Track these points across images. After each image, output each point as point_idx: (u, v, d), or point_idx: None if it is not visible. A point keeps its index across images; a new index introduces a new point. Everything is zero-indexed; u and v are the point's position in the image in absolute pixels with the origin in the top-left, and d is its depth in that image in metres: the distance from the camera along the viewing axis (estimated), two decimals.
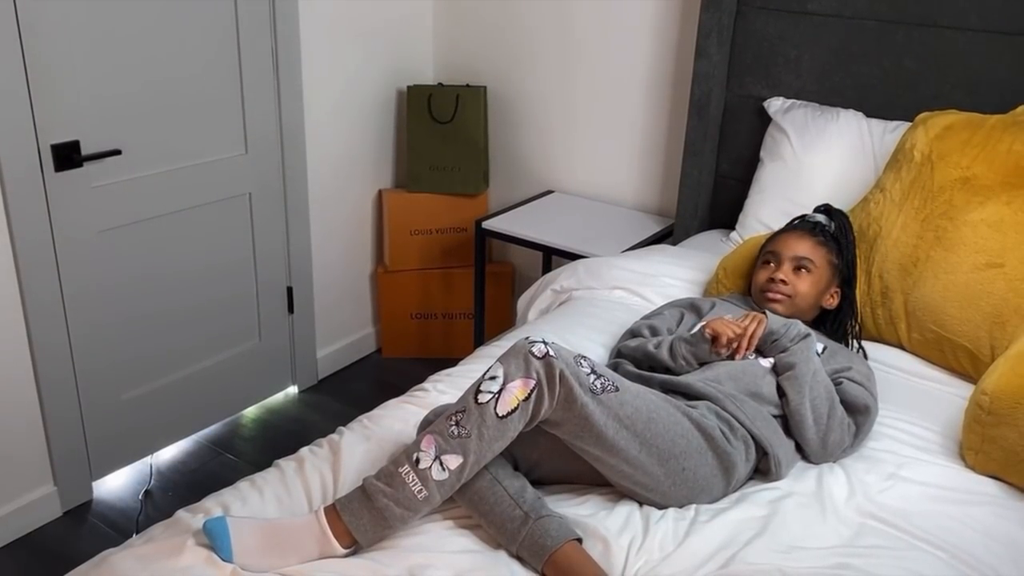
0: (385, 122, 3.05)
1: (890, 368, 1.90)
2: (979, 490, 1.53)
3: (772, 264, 1.84)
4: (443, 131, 2.96)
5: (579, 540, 1.36)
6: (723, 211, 2.63)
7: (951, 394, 1.81)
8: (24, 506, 2.26)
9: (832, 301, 1.86)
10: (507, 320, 3.11)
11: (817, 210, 1.93)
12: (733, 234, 2.44)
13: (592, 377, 1.40)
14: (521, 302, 2.42)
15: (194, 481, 2.51)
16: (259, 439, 2.74)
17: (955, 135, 1.94)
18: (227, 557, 1.28)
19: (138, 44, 2.23)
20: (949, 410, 1.74)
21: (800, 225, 1.89)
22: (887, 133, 2.22)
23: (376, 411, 1.73)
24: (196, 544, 1.31)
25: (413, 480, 1.32)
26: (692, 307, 1.90)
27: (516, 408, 1.34)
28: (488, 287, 2.97)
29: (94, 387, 2.36)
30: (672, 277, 2.20)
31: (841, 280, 1.86)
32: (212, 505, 1.42)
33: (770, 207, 2.32)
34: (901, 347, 1.95)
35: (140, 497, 2.44)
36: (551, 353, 1.36)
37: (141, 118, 2.29)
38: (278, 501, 1.45)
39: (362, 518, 1.32)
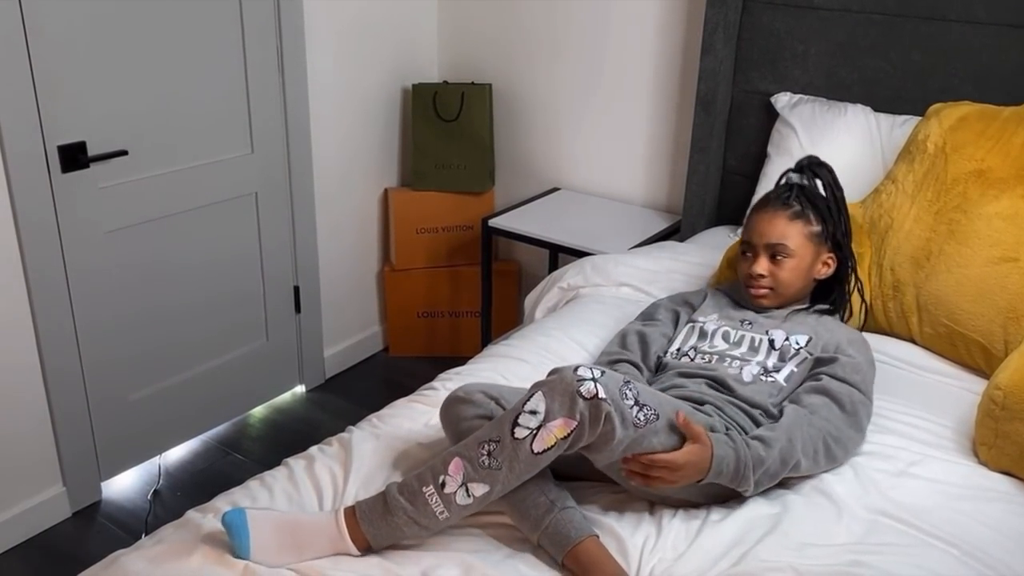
0: (390, 120, 3.05)
1: (901, 363, 1.89)
2: (992, 486, 1.52)
3: (749, 255, 1.73)
4: (448, 129, 2.95)
5: (597, 536, 1.35)
6: (730, 207, 2.62)
7: (963, 389, 1.79)
8: (33, 507, 2.26)
9: (826, 270, 1.74)
10: (514, 318, 3.10)
11: (798, 166, 1.76)
12: (740, 230, 2.43)
13: (635, 410, 1.32)
14: (528, 300, 2.42)
15: (203, 481, 2.51)
16: (267, 438, 2.74)
17: (969, 126, 1.92)
18: (244, 553, 1.27)
19: (144, 45, 2.23)
20: (961, 405, 1.73)
21: (770, 202, 1.73)
22: (895, 128, 2.21)
23: (385, 410, 1.72)
24: (206, 545, 1.31)
25: (436, 502, 1.31)
26: (685, 303, 1.86)
27: (553, 446, 1.30)
28: (495, 285, 2.96)
29: (102, 387, 2.36)
30: (679, 274, 2.19)
31: (832, 244, 1.72)
32: (222, 505, 1.42)
33: None
34: (912, 341, 1.94)
35: (149, 497, 2.44)
36: (600, 395, 1.27)
37: (147, 119, 2.29)
38: (288, 499, 1.45)
39: (380, 528, 1.32)
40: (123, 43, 2.19)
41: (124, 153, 2.24)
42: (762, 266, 1.69)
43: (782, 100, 2.41)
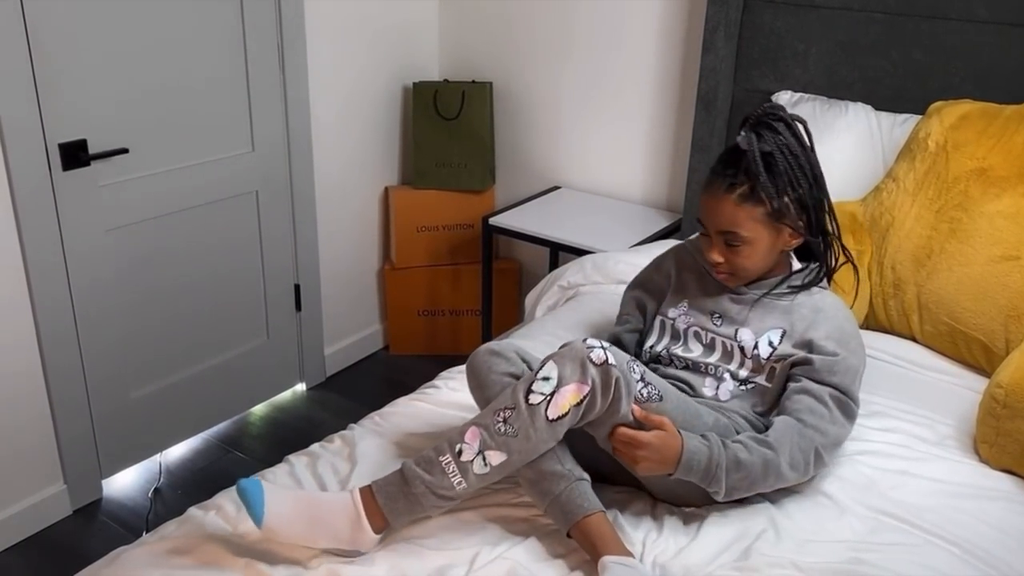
0: (391, 119, 3.05)
1: (901, 361, 1.89)
2: (993, 485, 1.52)
3: (706, 236, 1.55)
4: (449, 128, 2.95)
5: (604, 513, 1.36)
6: None
7: (964, 388, 1.79)
8: (34, 504, 2.26)
9: (795, 241, 1.53)
10: (514, 317, 3.10)
11: (746, 123, 1.50)
12: None
13: (640, 385, 1.37)
14: (529, 299, 2.42)
15: (203, 479, 2.52)
16: (268, 436, 2.74)
17: (971, 125, 1.92)
18: (258, 520, 1.26)
19: (145, 43, 2.23)
20: (962, 404, 1.73)
21: (715, 182, 1.50)
22: (896, 126, 2.21)
23: (387, 408, 1.73)
24: (209, 542, 1.31)
25: (453, 471, 1.31)
26: (650, 291, 1.71)
27: (567, 413, 1.31)
28: (495, 283, 2.96)
29: (103, 385, 2.36)
30: None
31: (797, 212, 1.49)
32: (224, 502, 1.42)
33: None
34: (913, 339, 1.94)
35: (150, 495, 2.45)
36: (610, 360, 1.32)
37: (148, 117, 2.29)
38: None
39: (398, 502, 1.32)
40: (124, 41, 2.19)
41: (125, 151, 2.24)
42: (717, 253, 1.53)
43: (783, 99, 2.41)
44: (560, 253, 2.89)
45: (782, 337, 1.53)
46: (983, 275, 1.79)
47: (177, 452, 2.63)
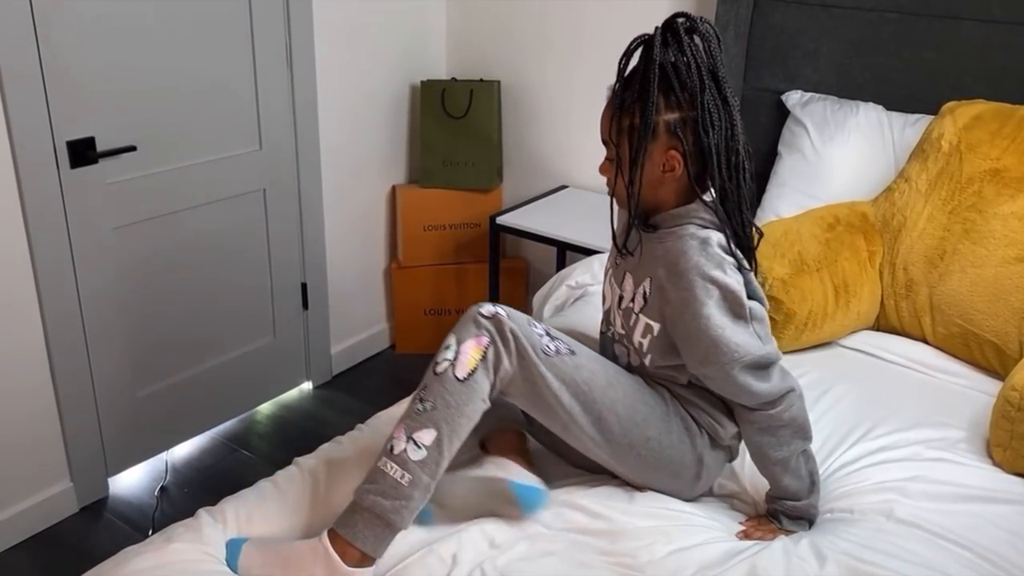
0: (398, 117, 3.04)
1: (913, 363, 1.88)
2: (1007, 488, 1.51)
3: None
4: (456, 126, 2.94)
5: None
6: None
7: (976, 390, 1.78)
8: (41, 502, 2.26)
9: (674, 171, 1.35)
10: None
11: (664, 24, 1.34)
12: None
13: (546, 340, 1.35)
14: (536, 298, 2.41)
15: (209, 477, 2.51)
16: (274, 435, 2.74)
17: (985, 125, 1.91)
18: (232, 566, 1.31)
19: (153, 41, 2.23)
20: (975, 407, 1.71)
21: (612, 89, 1.38)
22: (907, 126, 2.19)
23: (392, 409, 1.72)
24: (216, 547, 1.31)
25: (392, 468, 1.28)
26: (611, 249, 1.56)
27: (475, 369, 1.30)
28: (502, 283, 2.95)
29: (110, 383, 2.35)
30: None
31: (676, 134, 1.32)
32: (229, 507, 1.41)
33: (788, 201, 2.29)
34: (924, 341, 1.93)
35: (156, 494, 2.44)
36: (499, 312, 1.34)
37: (156, 115, 2.28)
38: (299, 498, 1.44)
39: (356, 525, 1.27)
40: (132, 39, 2.18)
41: (133, 149, 2.24)
42: (602, 167, 1.43)
43: (793, 98, 2.39)
44: (568, 252, 2.88)
45: (651, 286, 1.40)
46: (997, 277, 1.77)
47: (183, 450, 2.63)
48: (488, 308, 1.34)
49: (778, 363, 1.39)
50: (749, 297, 1.37)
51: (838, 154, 2.23)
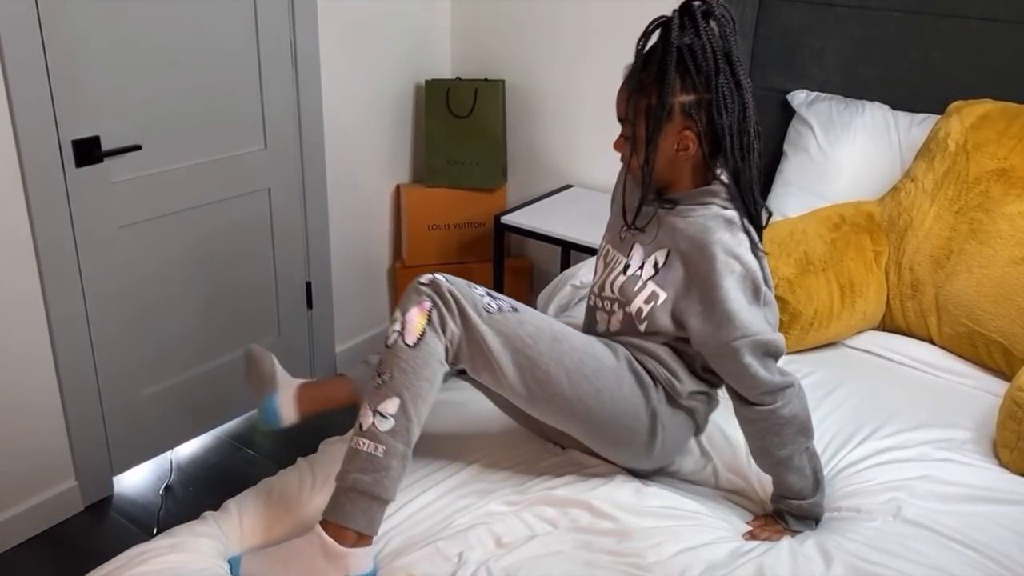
0: (403, 117, 3.04)
1: (918, 363, 1.87)
2: (1013, 488, 1.51)
3: None
4: (461, 125, 2.94)
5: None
6: None
7: (982, 391, 1.78)
8: (46, 500, 2.26)
9: (687, 151, 1.40)
10: None
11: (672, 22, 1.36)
12: None
13: (487, 299, 1.39)
14: (541, 297, 2.41)
15: (214, 476, 2.51)
16: (278, 434, 2.73)
17: (991, 124, 1.90)
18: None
19: (158, 40, 2.23)
20: (981, 407, 1.71)
21: (629, 68, 1.44)
22: (914, 126, 2.19)
23: None
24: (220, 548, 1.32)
25: (364, 444, 1.30)
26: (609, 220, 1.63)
27: (423, 332, 1.34)
28: (507, 282, 2.95)
29: (115, 382, 2.36)
30: None
31: (691, 115, 1.36)
32: (233, 507, 1.41)
33: (794, 200, 2.29)
34: (930, 341, 1.92)
35: (160, 492, 2.44)
36: (437, 277, 1.37)
37: (161, 114, 2.28)
38: (309, 496, 1.44)
39: (344, 507, 1.29)
40: (137, 38, 2.18)
41: (138, 148, 2.24)
42: (617, 143, 1.47)
43: (799, 98, 2.39)
44: (572, 252, 2.88)
45: (662, 261, 1.44)
46: (1004, 277, 1.77)
47: (188, 449, 2.63)
48: (427, 276, 1.38)
49: (781, 356, 1.41)
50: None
51: (844, 153, 2.23)
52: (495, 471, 1.52)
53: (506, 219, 2.74)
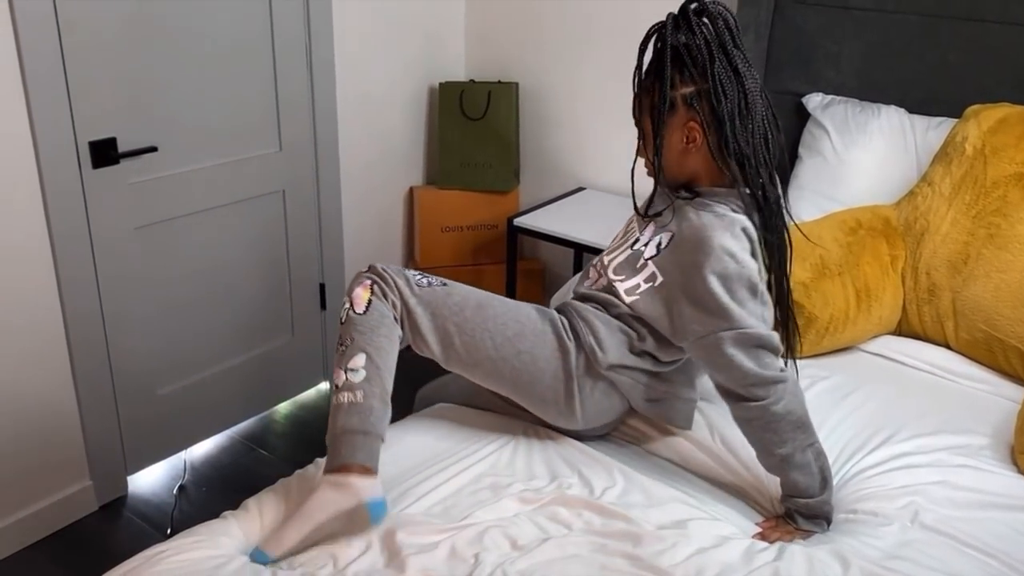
0: (417, 119, 3.04)
1: (935, 369, 1.86)
2: None
3: None
4: (475, 128, 2.94)
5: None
6: None
7: (1000, 396, 1.77)
8: (60, 500, 2.28)
9: (694, 144, 1.45)
10: None
11: (670, 21, 1.43)
12: None
13: (419, 276, 1.53)
14: (554, 300, 2.40)
15: (227, 477, 2.52)
16: (292, 435, 2.75)
17: (1010, 129, 1.89)
18: (262, 558, 1.32)
19: (174, 43, 2.24)
20: (999, 413, 1.70)
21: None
22: (930, 130, 2.18)
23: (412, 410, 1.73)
24: (240, 550, 1.32)
25: (344, 396, 1.39)
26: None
27: (370, 300, 1.46)
28: (519, 284, 2.95)
29: (130, 383, 2.37)
30: None
31: (694, 108, 1.42)
32: (252, 506, 1.42)
33: (809, 204, 2.28)
34: (947, 347, 1.91)
35: (174, 492, 2.45)
36: (375, 264, 1.51)
37: (177, 116, 2.30)
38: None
39: (340, 452, 1.36)
40: (154, 41, 2.19)
41: (154, 149, 2.25)
42: (638, 148, 1.54)
43: (814, 101, 2.38)
44: (584, 254, 2.88)
45: (667, 240, 1.50)
46: (1022, 282, 1.76)
47: (202, 449, 2.64)
48: (366, 266, 1.52)
49: (775, 351, 1.43)
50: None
51: (860, 157, 2.22)
52: (507, 465, 1.56)
53: (519, 221, 2.74)
